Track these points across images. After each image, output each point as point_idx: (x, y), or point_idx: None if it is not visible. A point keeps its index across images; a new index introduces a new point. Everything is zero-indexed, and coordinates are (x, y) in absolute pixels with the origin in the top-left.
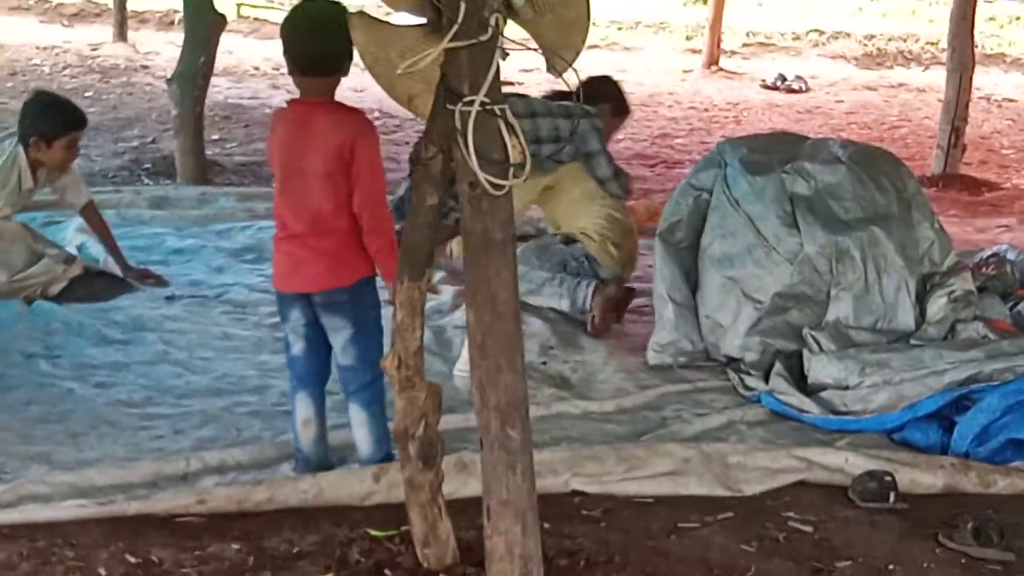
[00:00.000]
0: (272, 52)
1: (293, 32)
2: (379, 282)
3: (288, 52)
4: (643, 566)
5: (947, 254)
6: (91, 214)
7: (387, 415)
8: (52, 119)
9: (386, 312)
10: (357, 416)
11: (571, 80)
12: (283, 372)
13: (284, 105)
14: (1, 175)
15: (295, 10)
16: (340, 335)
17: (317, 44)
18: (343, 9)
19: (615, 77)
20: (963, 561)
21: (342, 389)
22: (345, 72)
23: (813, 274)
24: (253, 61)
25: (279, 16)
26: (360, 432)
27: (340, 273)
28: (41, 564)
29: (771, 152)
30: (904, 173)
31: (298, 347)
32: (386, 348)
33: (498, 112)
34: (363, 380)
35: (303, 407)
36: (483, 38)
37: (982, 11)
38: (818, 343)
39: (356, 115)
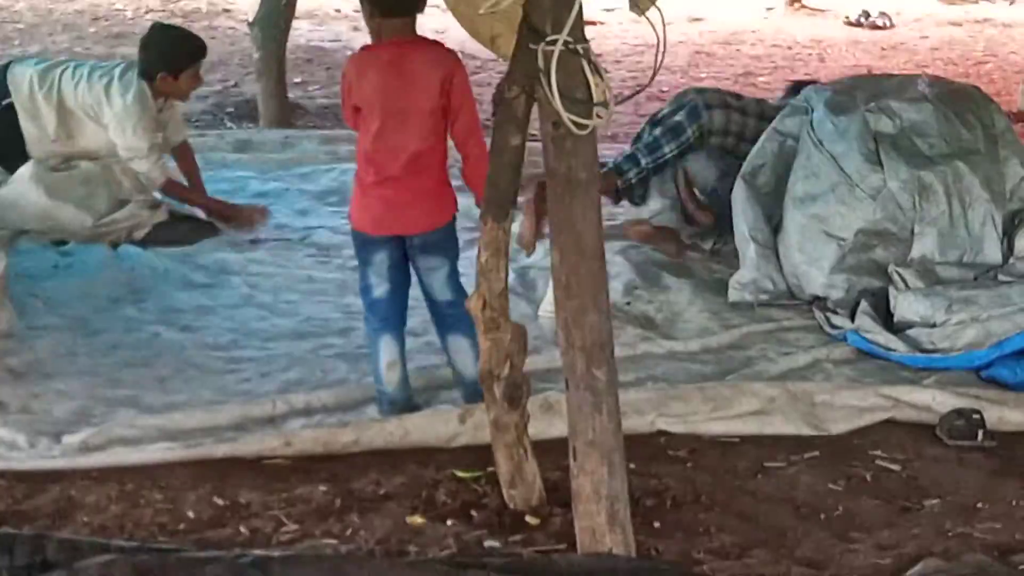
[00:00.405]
0: None
1: None
2: None
3: None
4: (730, 505)
5: None
6: (185, 151)
7: None
8: (178, 51)
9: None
10: (460, 344)
11: (654, 20)
12: None
13: (363, 50)
14: (135, 111)
15: None
16: (438, 273)
17: None
18: None
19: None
20: None
21: (438, 324)
22: (421, 8)
23: (896, 210)
24: (334, 3)
25: None
26: (465, 360)
27: (439, 213)
28: (130, 507)
29: (855, 92)
30: (993, 109)
31: (382, 289)
32: (470, 289)
33: (581, 51)
34: (463, 309)
35: (388, 349)
36: None
37: None
38: (904, 281)
39: (446, 49)
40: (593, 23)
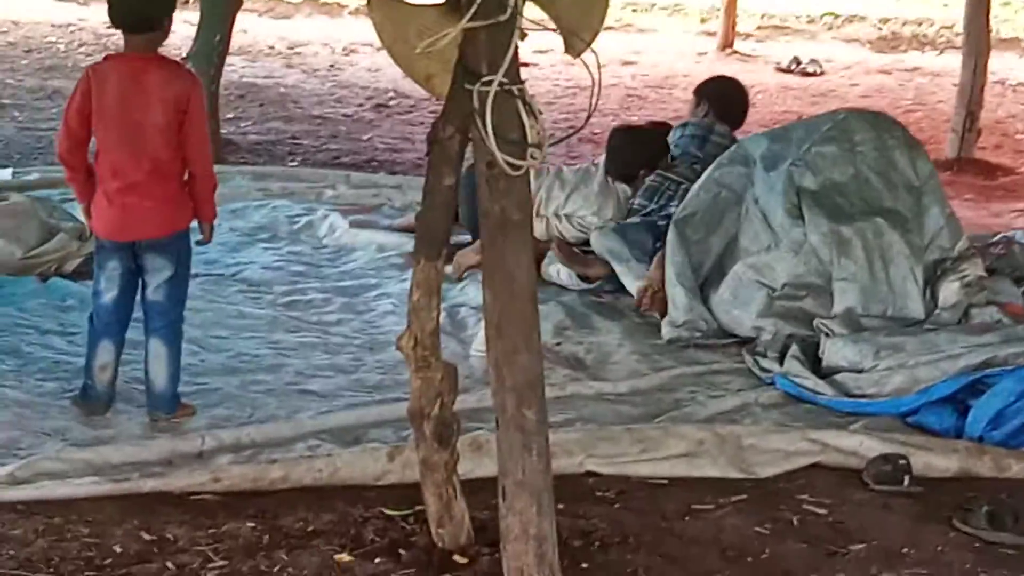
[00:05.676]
0: (287, 32)
1: None
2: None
3: (112, 11)
4: (657, 547)
5: (957, 239)
6: None
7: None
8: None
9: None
10: (158, 351)
11: (589, 61)
12: (299, 351)
13: (105, 60)
14: None
15: None
16: (159, 275)
17: (135, 3)
18: None
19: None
20: (977, 545)
21: (145, 326)
22: (163, 30)
23: (818, 263)
24: (268, 40)
25: None
26: (158, 367)
27: (177, 218)
28: (56, 541)
29: (790, 140)
30: (917, 156)
31: (110, 295)
32: (401, 327)
33: (516, 92)
34: (170, 318)
35: (105, 353)
36: (502, 18)
37: None
38: (831, 331)
39: (185, 70)
40: (527, 65)
